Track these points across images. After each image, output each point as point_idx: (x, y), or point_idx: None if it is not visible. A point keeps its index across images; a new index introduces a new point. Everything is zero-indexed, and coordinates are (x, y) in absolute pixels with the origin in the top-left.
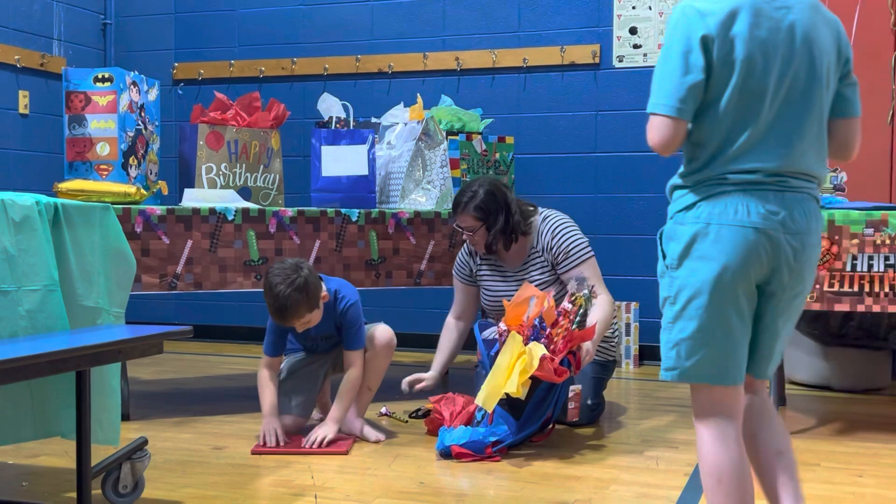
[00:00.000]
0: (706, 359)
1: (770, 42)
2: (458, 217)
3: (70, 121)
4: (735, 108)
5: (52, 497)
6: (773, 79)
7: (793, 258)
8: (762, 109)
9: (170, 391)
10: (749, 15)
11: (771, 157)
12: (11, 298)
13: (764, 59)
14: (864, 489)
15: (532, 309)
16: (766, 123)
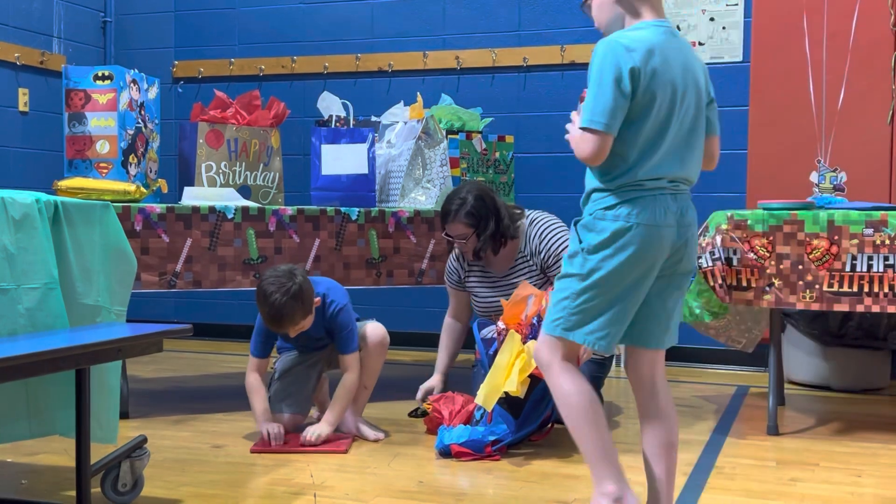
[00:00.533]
0: (604, 329)
1: (675, 77)
2: (449, 226)
3: (70, 119)
4: (650, 128)
5: (51, 495)
6: (677, 106)
7: (685, 246)
8: (669, 130)
9: (169, 389)
10: (660, 54)
11: (673, 167)
12: (11, 296)
13: (672, 91)
14: (863, 489)
15: (530, 307)
16: (670, 140)
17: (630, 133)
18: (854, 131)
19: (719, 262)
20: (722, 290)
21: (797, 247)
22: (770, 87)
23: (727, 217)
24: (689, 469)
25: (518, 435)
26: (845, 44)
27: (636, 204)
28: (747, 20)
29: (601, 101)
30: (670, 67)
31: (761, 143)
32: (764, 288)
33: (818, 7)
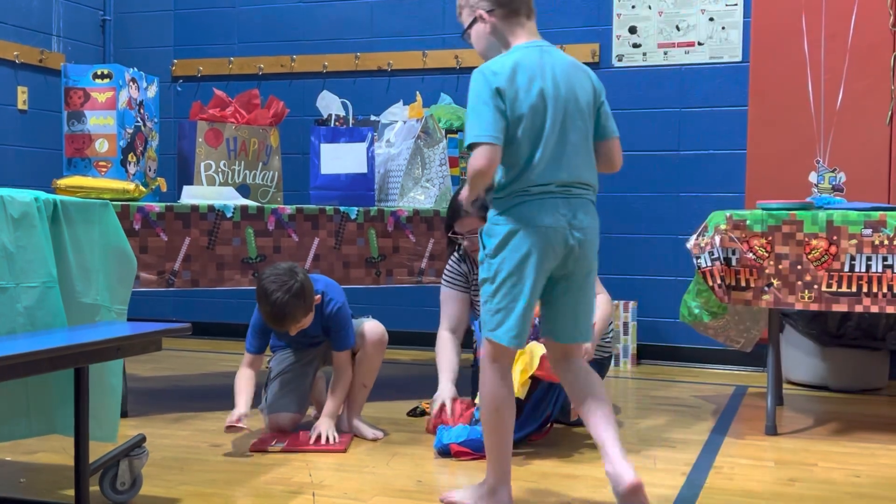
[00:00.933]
0: (516, 328)
1: (546, 89)
2: (462, 221)
3: (69, 117)
4: (528, 139)
5: (50, 494)
6: (551, 115)
7: (578, 248)
8: (548, 138)
9: (168, 388)
10: (527, 70)
11: (559, 172)
12: (10, 295)
13: (543, 103)
14: (861, 489)
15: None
16: (551, 148)
17: (512, 146)
18: (853, 132)
19: (718, 262)
20: (721, 290)
21: (796, 247)
22: (769, 88)
23: (726, 217)
24: (687, 469)
25: (517, 435)
26: (844, 44)
27: (524, 207)
28: (746, 20)
29: (481, 118)
30: (539, 77)
31: (760, 144)
32: (763, 288)
33: (817, 7)
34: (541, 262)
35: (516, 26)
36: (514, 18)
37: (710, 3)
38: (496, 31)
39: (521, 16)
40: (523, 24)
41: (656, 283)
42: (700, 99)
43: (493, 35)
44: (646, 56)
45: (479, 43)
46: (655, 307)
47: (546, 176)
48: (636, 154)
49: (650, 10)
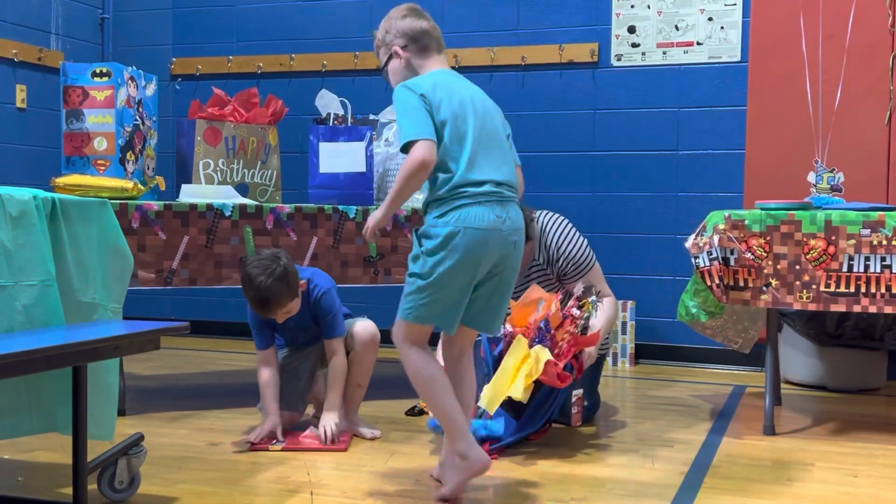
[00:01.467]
0: (443, 313)
1: (463, 98)
2: None
3: (67, 115)
4: (456, 142)
5: (47, 492)
6: (472, 122)
7: (512, 248)
8: (472, 141)
9: (166, 387)
10: (444, 84)
11: (491, 172)
12: (8, 293)
13: (463, 110)
14: (859, 489)
15: (539, 311)
16: (479, 150)
17: (440, 149)
18: (851, 132)
19: (716, 261)
20: (719, 290)
21: (794, 247)
22: (768, 88)
23: (724, 217)
24: (685, 468)
25: (517, 436)
26: (843, 44)
27: (462, 210)
28: (745, 20)
29: (410, 119)
30: (457, 92)
31: (759, 144)
32: (761, 288)
33: (816, 8)
34: (478, 261)
35: (428, 59)
36: (425, 53)
37: (709, 2)
38: (410, 65)
39: (431, 51)
40: (434, 58)
41: (655, 283)
42: (699, 99)
43: (407, 69)
44: (645, 56)
45: (395, 76)
46: (654, 307)
47: (480, 175)
48: (635, 154)
49: (649, 10)
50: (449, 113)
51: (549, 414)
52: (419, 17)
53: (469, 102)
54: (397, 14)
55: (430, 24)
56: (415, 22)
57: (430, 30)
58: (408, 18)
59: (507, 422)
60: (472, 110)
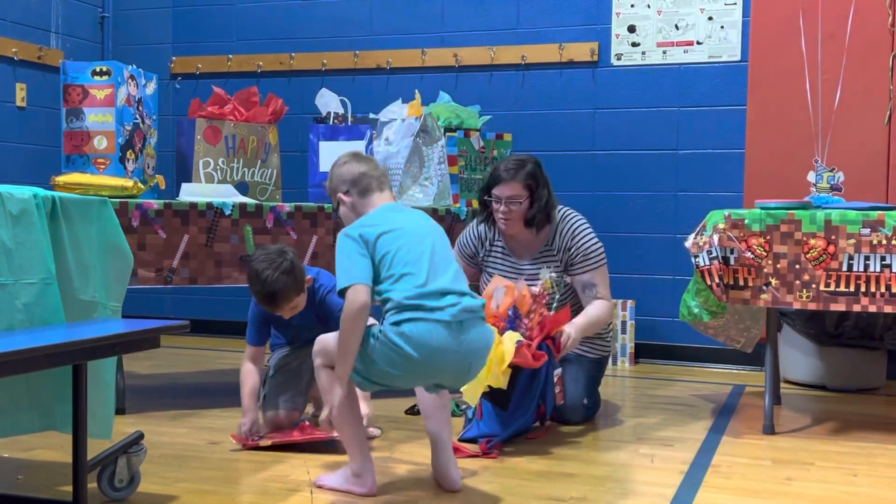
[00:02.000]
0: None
1: (403, 223)
2: (507, 184)
3: (67, 114)
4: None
5: (47, 491)
6: (415, 239)
7: (469, 368)
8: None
9: (166, 385)
10: (380, 215)
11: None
12: (8, 292)
13: (404, 231)
14: (858, 489)
15: (500, 299)
16: (426, 264)
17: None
18: (851, 131)
19: (716, 261)
20: (719, 289)
21: (794, 246)
22: (768, 87)
23: (724, 216)
24: (685, 468)
25: (512, 428)
26: (842, 44)
27: (417, 325)
28: (746, 19)
29: (344, 266)
30: (397, 218)
31: (759, 143)
32: (761, 287)
33: (815, 7)
34: (422, 378)
35: (370, 198)
36: (367, 194)
37: (709, 2)
38: (355, 207)
39: (372, 191)
40: (376, 196)
41: (654, 283)
42: (699, 98)
43: (352, 212)
44: (645, 55)
45: (346, 219)
46: (654, 306)
47: (432, 287)
48: (634, 153)
49: (649, 9)
50: (391, 237)
51: (541, 401)
52: (358, 161)
53: (409, 224)
54: (339, 161)
55: (368, 165)
56: (353, 167)
57: (368, 171)
58: (347, 165)
59: (497, 416)
60: (412, 231)
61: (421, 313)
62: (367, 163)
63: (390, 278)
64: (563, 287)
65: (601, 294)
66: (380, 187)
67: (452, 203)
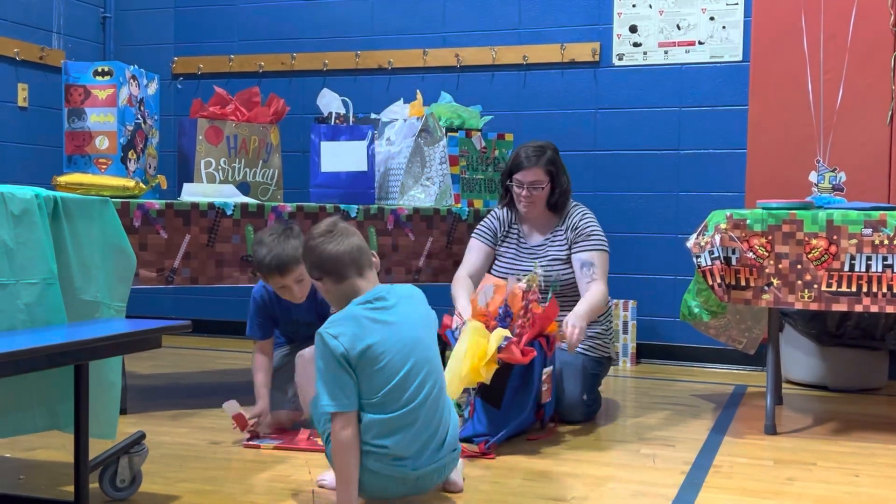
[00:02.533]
0: None
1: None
2: (529, 170)
3: (69, 114)
4: (384, 397)
5: (49, 491)
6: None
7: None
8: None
9: (167, 385)
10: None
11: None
12: (10, 291)
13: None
14: (860, 489)
15: (489, 296)
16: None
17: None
18: (853, 131)
19: (718, 261)
20: (721, 290)
21: (796, 246)
22: (769, 87)
23: (726, 216)
24: (686, 468)
25: (507, 429)
26: (844, 44)
27: (377, 477)
28: (747, 19)
29: (330, 385)
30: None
31: (760, 143)
32: (762, 287)
33: (817, 7)
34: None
35: (348, 284)
36: (344, 281)
37: (711, 2)
38: (332, 293)
39: (350, 278)
40: (356, 284)
41: (656, 283)
42: (700, 98)
43: (329, 294)
44: (646, 55)
45: (329, 299)
46: (655, 306)
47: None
48: (636, 153)
49: (651, 9)
50: (379, 353)
51: (532, 397)
52: (332, 236)
53: (391, 340)
54: (312, 237)
55: (346, 242)
56: (327, 248)
57: (342, 253)
58: (319, 245)
59: (491, 414)
60: (395, 349)
61: (385, 463)
62: (343, 240)
63: (370, 401)
64: (556, 286)
65: (597, 275)
66: (359, 273)
67: (454, 203)
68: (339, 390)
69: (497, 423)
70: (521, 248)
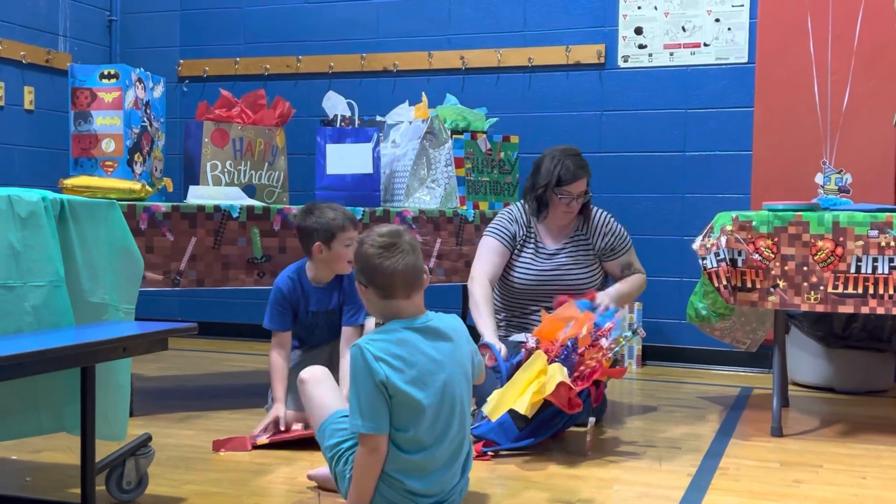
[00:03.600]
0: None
1: (421, 381)
2: (579, 182)
3: (76, 117)
4: (412, 433)
5: (55, 493)
6: (440, 391)
7: None
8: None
9: (173, 388)
10: (415, 382)
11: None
12: (17, 294)
13: (434, 382)
14: (867, 491)
15: (568, 330)
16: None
17: (403, 428)
18: (859, 133)
19: (724, 262)
20: (727, 291)
21: (802, 248)
22: (775, 89)
23: (732, 218)
24: (692, 470)
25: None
26: (850, 45)
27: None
28: (753, 21)
29: (365, 406)
30: (419, 368)
31: (766, 145)
32: (769, 289)
33: (823, 8)
34: None
35: (393, 303)
36: (390, 299)
37: (717, 3)
38: (373, 303)
39: (396, 298)
40: (400, 304)
41: (662, 285)
42: (706, 100)
43: (369, 303)
44: (651, 57)
45: (365, 304)
46: (660, 308)
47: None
48: (641, 155)
49: (656, 11)
50: (414, 388)
51: (554, 430)
52: (392, 253)
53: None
54: (368, 241)
55: (403, 262)
56: (383, 261)
57: (397, 274)
58: (374, 259)
59: (509, 431)
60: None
61: (400, 494)
62: (402, 258)
63: (395, 433)
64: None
65: (637, 269)
66: (407, 295)
67: (459, 205)
68: (373, 411)
69: (511, 439)
70: (538, 253)
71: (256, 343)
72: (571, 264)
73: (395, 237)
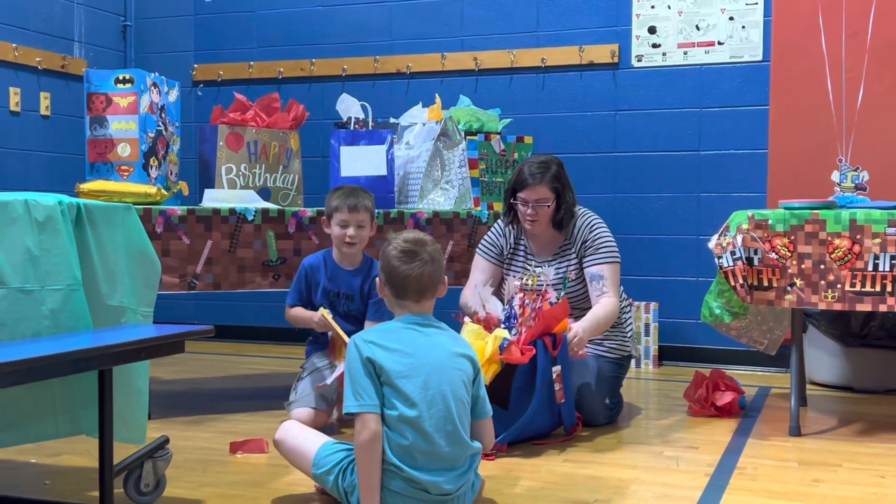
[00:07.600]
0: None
1: (422, 362)
2: (534, 188)
3: (91, 122)
4: (406, 410)
5: (74, 496)
6: (433, 383)
7: None
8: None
9: (190, 391)
10: (399, 352)
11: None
12: (35, 298)
13: (421, 371)
14: (886, 490)
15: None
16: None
17: (394, 408)
18: (875, 130)
19: (740, 261)
20: (743, 290)
21: (819, 246)
22: (790, 86)
23: (748, 217)
24: (711, 470)
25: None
26: (864, 42)
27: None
28: (767, 19)
29: (356, 384)
30: (416, 350)
31: (782, 143)
32: (785, 288)
33: (837, 6)
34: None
35: (403, 304)
36: (401, 299)
37: (731, 2)
38: (387, 298)
39: (407, 300)
40: (410, 307)
41: (678, 284)
42: (720, 98)
43: (385, 297)
44: (665, 56)
45: (381, 295)
46: (677, 308)
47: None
48: (656, 154)
49: (670, 10)
50: (402, 376)
51: (541, 397)
52: (410, 259)
53: (422, 366)
54: (394, 244)
55: (418, 270)
56: (401, 265)
57: (411, 280)
58: (393, 262)
59: (498, 415)
60: (424, 391)
61: (407, 484)
62: (420, 267)
63: (390, 411)
64: (566, 285)
65: (607, 289)
66: (417, 300)
67: (474, 206)
68: (363, 390)
69: (505, 424)
70: (529, 265)
71: (272, 346)
72: (563, 276)
73: (417, 245)
